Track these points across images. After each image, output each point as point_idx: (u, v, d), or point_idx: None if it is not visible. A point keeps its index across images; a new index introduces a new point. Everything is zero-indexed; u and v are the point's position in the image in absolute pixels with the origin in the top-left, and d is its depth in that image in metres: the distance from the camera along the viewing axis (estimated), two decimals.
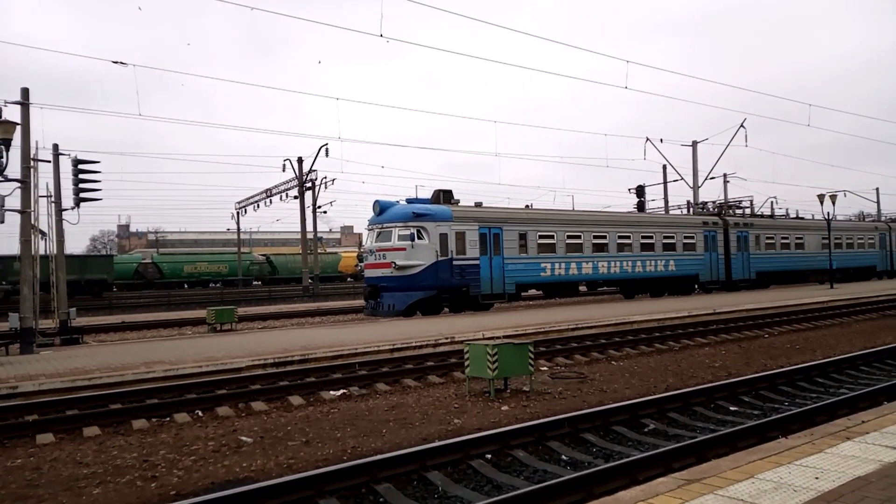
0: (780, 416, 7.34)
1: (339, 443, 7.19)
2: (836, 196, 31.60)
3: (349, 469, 5.61)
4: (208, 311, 22.05)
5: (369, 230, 22.88)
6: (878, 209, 61.32)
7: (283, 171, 43.06)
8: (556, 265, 24.80)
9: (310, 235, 45.01)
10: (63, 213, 20.20)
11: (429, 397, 9.57)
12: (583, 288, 30.03)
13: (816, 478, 4.09)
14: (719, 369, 11.28)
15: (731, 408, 8.50)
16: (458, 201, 23.71)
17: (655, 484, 4.18)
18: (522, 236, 23.93)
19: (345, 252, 67.10)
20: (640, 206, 39.45)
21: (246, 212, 50.74)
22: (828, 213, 31.93)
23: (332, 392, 10.10)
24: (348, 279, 58.43)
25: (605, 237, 26.42)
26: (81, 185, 20.36)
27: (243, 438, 7.50)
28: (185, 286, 53.33)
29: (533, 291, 27.33)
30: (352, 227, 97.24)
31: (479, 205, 24.50)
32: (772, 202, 37.04)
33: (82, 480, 6.12)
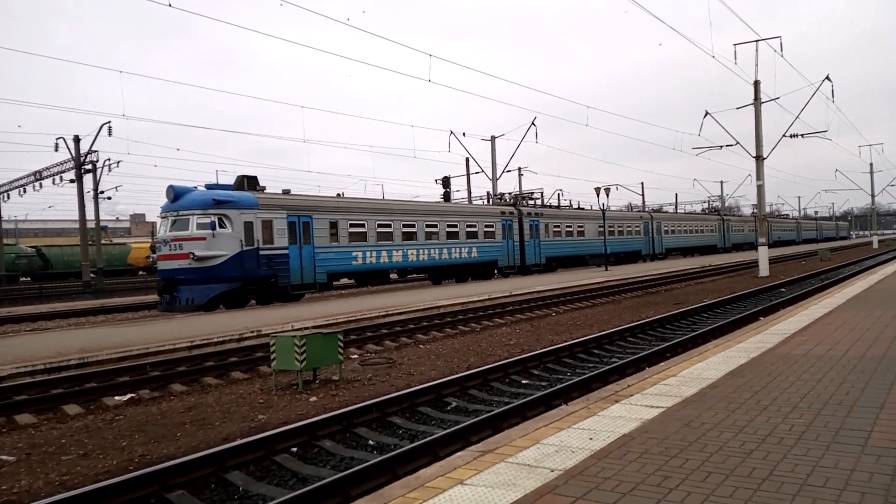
0: (562, 385, 8.17)
1: (125, 452, 6.52)
2: (609, 189, 35.84)
3: (134, 479, 5.10)
4: None
5: (163, 218, 20.95)
6: (643, 201, 71.06)
7: (56, 150, 37.66)
8: (368, 254, 24.95)
9: (92, 224, 40.06)
10: None
11: (231, 395, 9.08)
12: (394, 276, 30.61)
13: (590, 438, 4.59)
14: (514, 346, 12.22)
15: (524, 381, 9.27)
16: (264, 188, 22.70)
17: (454, 458, 4.39)
18: (333, 225, 23.67)
19: (135, 243, 60.76)
20: (446, 197, 41.19)
21: (9, 197, 43.51)
22: (603, 204, 36.12)
23: (117, 397, 9.12)
24: (140, 272, 53.05)
25: (413, 226, 27.16)
26: None
27: (4, 458, 6.47)
28: None
29: (345, 280, 27.22)
30: (143, 216, 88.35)
31: (287, 192, 23.70)
32: (559, 194, 41.03)
33: None
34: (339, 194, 27.53)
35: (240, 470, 5.73)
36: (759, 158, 29.30)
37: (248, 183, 22.24)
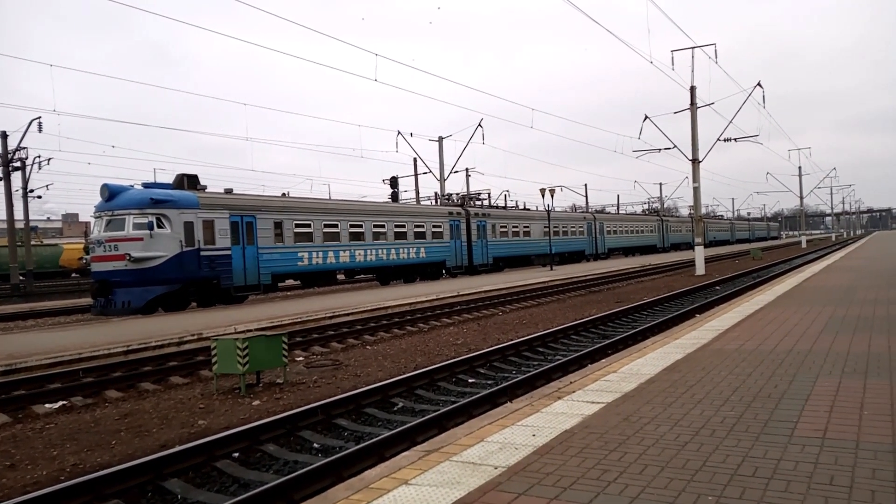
0: (507, 383, 8.27)
1: (56, 461, 6.23)
2: (554, 190, 36.51)
3: (65, 490, 4.89)
4: None
5: (97, 218, 20.11)
6: (587, 202, 72.64)
7: None
8: (314, 254, 24.61)
9: (21, 224, 38.06)
10: None
11: (170, 400, 8.80)
12: (341, 276, 30.30)
13: (534, 435, 4.66)
14: (461, 346, 12.29)
15: (470, 380, 9.33)
16: (205, 187, 22.08)
17: (399, 459, 4.38)
18: (278, 225, 23.24)
19: (67, 244, 58.03)
20: (394, 197, 41.03)
21: None
22: (548, 205, 36.74)
23: (48, 405, 8.71)
24: (73, 275, 50.71)
25: (361, 226, 26.95)
26: None
27: None
28: None
29: (290, 282, 26.74)
30: (76, 216, 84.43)
31: (229, 191, 23.14)
32: (505, 195, 41.47)
33: None
34: (284, 194, 27.06)
35: (178, 477, 5.56)
36: (696, 161, 30.40)
37: (189, 182, 21.60)
